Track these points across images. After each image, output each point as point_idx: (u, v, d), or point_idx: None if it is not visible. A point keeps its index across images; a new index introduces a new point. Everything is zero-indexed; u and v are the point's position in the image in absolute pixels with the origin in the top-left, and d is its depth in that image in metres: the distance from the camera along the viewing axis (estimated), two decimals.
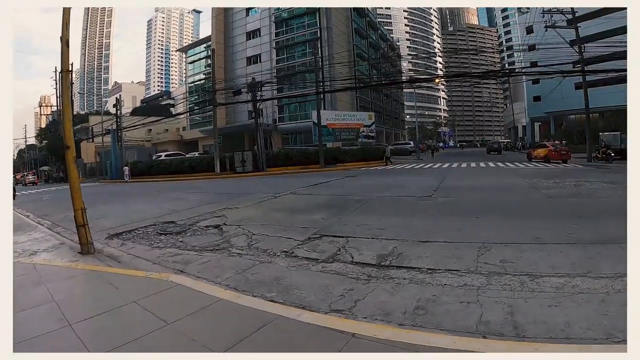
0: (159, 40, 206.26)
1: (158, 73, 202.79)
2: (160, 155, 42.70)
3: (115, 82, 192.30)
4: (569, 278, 4.54)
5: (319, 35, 50.59)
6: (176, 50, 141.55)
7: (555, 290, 4.17)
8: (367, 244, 6.53)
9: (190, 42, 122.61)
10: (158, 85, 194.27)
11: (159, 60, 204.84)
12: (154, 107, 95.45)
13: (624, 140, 33.01)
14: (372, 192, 13.70)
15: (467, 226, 7.52)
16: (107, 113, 58.66)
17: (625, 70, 32.50)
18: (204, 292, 4.31)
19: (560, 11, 33.37)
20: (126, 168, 34.65)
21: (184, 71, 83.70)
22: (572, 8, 33.84)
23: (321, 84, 35.09)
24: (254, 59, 56.65)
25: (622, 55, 32.97)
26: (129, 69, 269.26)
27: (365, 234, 7.24)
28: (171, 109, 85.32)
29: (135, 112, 75.78)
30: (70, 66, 7.96)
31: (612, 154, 30.11)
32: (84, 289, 5.04)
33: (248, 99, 34.18)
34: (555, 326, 3.32)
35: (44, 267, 6.08)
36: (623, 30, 41.79)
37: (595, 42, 38.27)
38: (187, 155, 42.92)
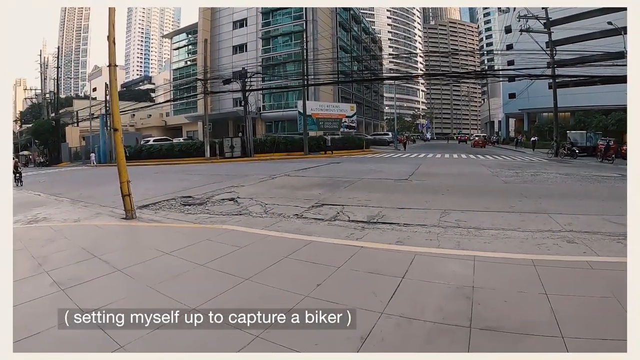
0: (140, 23, 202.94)
1: (137, 57, 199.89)
2: (149, 140, 43.79)
3: (95, 65, 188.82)
4: (503, 231, 6.62)
5: (304, 27, 52.06)
6: (163, 36, 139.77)
7: (491, 236, 6.25)
8: (358, 210, 8.57)
9: (172, 26, 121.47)
10: (137, 70, 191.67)
11: (138, 45, 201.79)
12: (135, 91, 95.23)
13: (589, 139, 35.99)
14: (357, 175, 15.77)
15: (434, 200, 9.70)
16: (88, 97, 58.97)
17: (592, 76, 35.15)
18: (255, 233, 6.26)
19: (535, 16, 35.58)
20: (92, 154, 37.13)
21: (169, 57, 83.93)
22: (546, 13, 36.29)
23: (306, 75, 36.78)
24: (239, 48, 57.65)
25: (590, 59, 35.59)
26: (107, 52, 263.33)
27: (356, 203, 9.29)
28: (152, 94, 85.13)
29: None
30: (115, 61, 9.46)
31: (577, 151, 32.87)
32: (159, 236, 6.71)
33: (234, 88, 35.47)
34: (485, 249, 5.37)
35: (107, 226, 7.65)
36: (588, 36, 44.80)
37: (567, 45, 40.99)
38: (174, 141, 44.09)
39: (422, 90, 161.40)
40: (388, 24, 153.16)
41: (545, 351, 2.86)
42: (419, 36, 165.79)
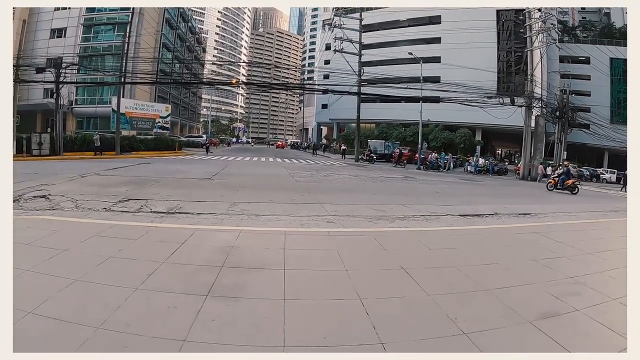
0: None
1: None
2: None
3: None
4: (278, 216, 8.83)
5: (130, 19, 50.22)
6: None
7: (266, 219, 8.35)
8: (160, 203, 9.98)
9: None
10: None
11: None
12: None
13: (387, 147, 42.16)
14: (165, 175, 17.11)
15: (229, 195, 11.77)
16: None
17: (390, 95, 40.90)
18: (68, 220, 7.29)
19: (349, 40, 40.19)
20: None
21: None
22: (360, 38, 41.47)
23: (125, 71, 35.68)
24: (58, 32, 52.88)
25: (394, 81, 41.40)
26: None
27: (159, 198, 10.70)
28: None
29: None
30: None
31: (374, 157, 38.52)
32: None
33: (47, 76, 32.68)
34: (262, 226, 7.36)
35: None
36: (394, 61, 52.11)
37: (376, 67, 47.31)
38: None
39: (242, 95, 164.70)
40: (217, 26, 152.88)
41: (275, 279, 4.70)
42: (245, 41, 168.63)
